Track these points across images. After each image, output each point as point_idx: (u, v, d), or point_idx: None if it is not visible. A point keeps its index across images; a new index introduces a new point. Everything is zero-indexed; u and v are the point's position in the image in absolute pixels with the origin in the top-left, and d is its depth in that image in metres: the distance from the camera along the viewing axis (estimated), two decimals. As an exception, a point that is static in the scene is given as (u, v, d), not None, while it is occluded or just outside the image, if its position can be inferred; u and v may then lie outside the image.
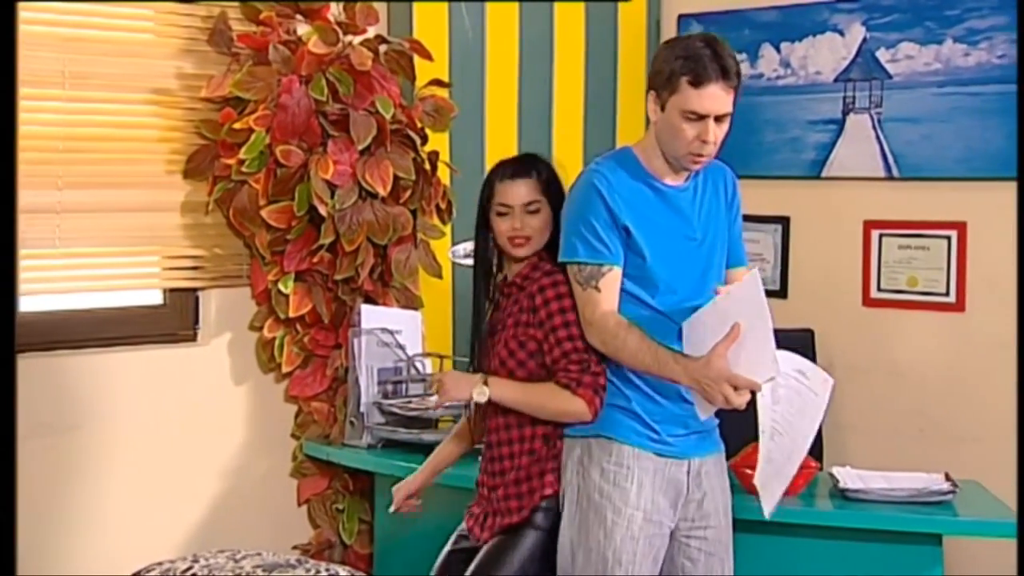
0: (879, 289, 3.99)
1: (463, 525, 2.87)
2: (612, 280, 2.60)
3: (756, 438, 2.52)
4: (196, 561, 3.07)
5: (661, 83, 2.59)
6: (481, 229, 2.81)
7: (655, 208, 2.64)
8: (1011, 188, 3.73)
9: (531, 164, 2.78)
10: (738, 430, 2.70)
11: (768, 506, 2.54)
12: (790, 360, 2.47)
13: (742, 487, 2.85)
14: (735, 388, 2.44)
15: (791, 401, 2.46)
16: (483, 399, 2.69)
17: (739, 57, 4.19)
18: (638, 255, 2.61)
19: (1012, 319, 3.76)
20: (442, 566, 2.83)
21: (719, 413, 2.62)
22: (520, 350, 2.71)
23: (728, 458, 2.81)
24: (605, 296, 2.59)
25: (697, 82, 2.54)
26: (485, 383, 2.69)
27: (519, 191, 2.73)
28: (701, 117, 2.55)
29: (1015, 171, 3.70)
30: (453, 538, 2.86)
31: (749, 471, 2.70)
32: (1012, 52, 3.70)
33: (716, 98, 2.54)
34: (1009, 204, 3.75)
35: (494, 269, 2.84)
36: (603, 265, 2.59)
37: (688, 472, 2.66)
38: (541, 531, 2.70)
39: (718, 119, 2.57)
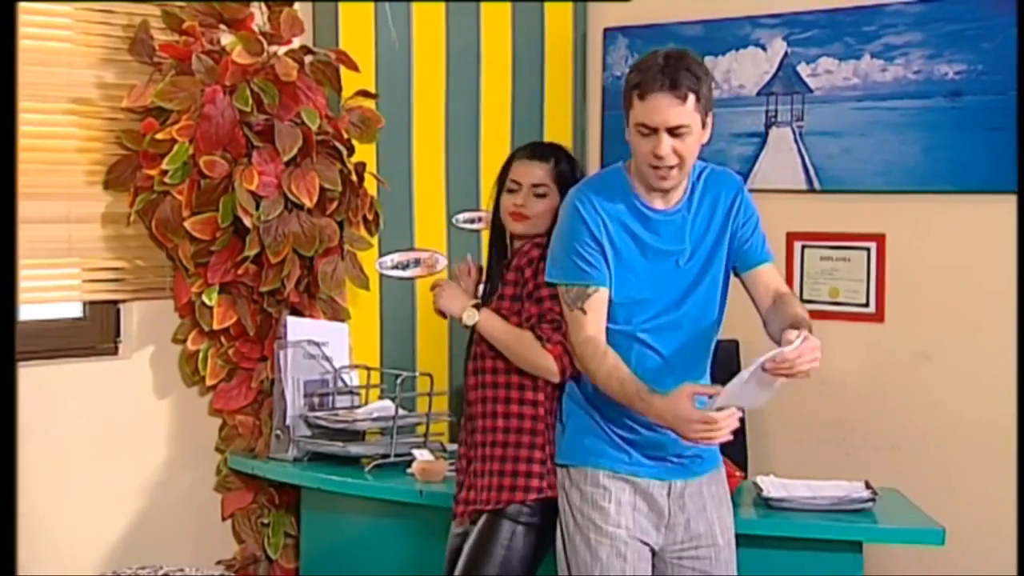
0: (802, 300, 4.05)
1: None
2: (598, 301, 2.58)
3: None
4: (117, 578, 3.04)
5: (624, 101, 2.56)
6: (495, 209, 2.86)
7: (631, 230, 2.59)
8: (928, 200, 3.83)
9: (551, 151, 2.84)
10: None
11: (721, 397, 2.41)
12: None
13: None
14: (711, 424, 2.40)
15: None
16: (471, 322, 2.77)
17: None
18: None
19: (929, 329, 3.85)
20: (450, 550, 2.84)
21: None
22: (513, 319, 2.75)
23: None
24: (591, 318, 2.58)
25: (642, 94, 2.49)
26: (478, 308, 2.76)
27: (531, 171, 2.79)
28: (652, 130, 2.50)
29: (932, 184, 3.80)
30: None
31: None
32: (927, 68, 3.79)
33: (661, 109, 2.47)
34: (926, 216, 3.85)
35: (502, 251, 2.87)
36: (589, 286, 2.58)
37: (669, 494, 2.64)
38: (522, 525, 2.70)
39: (674, 133, 2.49)
